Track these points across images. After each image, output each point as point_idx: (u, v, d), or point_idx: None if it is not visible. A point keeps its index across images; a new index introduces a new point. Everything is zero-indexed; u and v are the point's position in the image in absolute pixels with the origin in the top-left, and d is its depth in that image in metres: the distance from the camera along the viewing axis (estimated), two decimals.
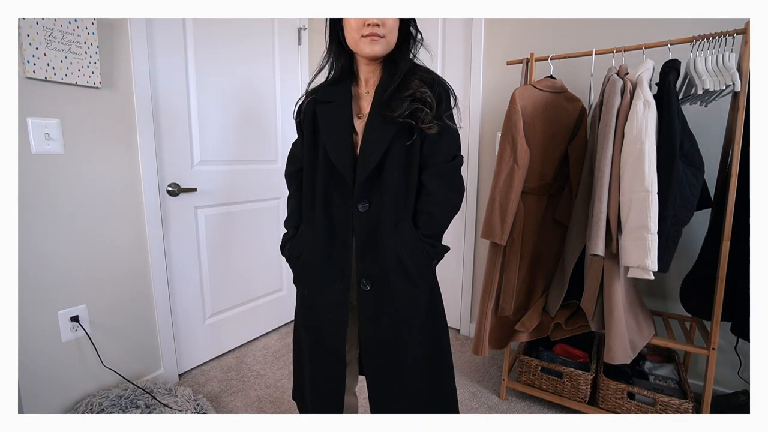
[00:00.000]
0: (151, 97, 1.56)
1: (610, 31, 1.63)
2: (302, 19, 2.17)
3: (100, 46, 1.39)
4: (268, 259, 2.16)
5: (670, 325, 1.53)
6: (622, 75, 1.26)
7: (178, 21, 1.64)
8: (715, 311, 1.26)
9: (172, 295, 1.73)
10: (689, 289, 1.41)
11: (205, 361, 1.91)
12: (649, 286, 1.66)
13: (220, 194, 1.88)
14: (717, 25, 1.38)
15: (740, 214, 1.23)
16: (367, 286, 0.88)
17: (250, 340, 2.13)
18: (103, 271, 1.49)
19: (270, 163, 2.10)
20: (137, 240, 1.58)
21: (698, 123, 1.44)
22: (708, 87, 1.22)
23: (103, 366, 1.50)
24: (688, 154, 1.18)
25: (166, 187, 1.66)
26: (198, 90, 1.74)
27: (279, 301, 2.26)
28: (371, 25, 0.81)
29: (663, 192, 1.14)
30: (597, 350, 1.63)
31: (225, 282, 1.95)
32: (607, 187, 1.21)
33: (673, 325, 1.60)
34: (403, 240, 0.87)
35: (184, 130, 1.71)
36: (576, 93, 1.47)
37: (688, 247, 1.53)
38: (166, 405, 1.43)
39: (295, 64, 2.18)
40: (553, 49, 1.63)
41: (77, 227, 1.40)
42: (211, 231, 1.86)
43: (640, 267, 1.15)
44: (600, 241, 1.20)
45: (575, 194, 1.41)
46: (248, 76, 1.94)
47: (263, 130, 2.05)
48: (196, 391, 1.66)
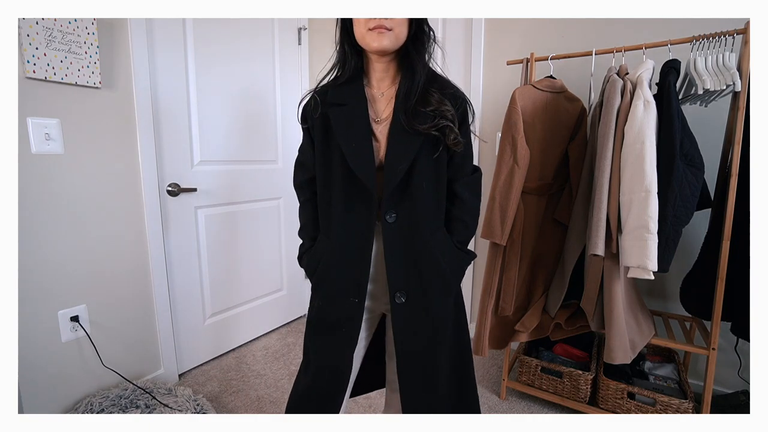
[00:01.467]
0: (151, 97, 1.56)
1: (610, 31, 1.63)
2: (302, 19, 2.18)
3: (100, 46, 1.39)
4: (269, 259, 2.16)
5: (670, 325, 1.53)
6: (622, 75, 1.26)
7: (178, 21, 1.64)
8: (715, 311, 1.26)
9: (172, 295, 1.73)
10: (689, 289, 1.41)
11: (205, 361, 1.91)
12: (649, 286, 1.66)
13: (221, 194, 1.88)
14: (717, 25, 1.38)
15: (740, 214, 1.23)
16: (402, 298, 0.85)
17: (250, 340, 2.13)
18: (103, 271, 1.49)
19: (270, 163, 2.11)
20: (137, 240, 1.58)
21: (698, 123, 1.44)
22: (708, 87, 1.21)
23: (103, 366, 1.50)
24: (688, 154, 1.18)
25: (166, 187, 1.66)
26: (198, 90, 1.74)
27: (279, 301, 2.26)
28: (377, 18, 0.78)
29: (663, 192, 1.14)
30: (597, 350, 1.63)
31: (225, 282, 1.95)
32: (607, 187, 1.21)
33: (673, 325, 1.60)
34: (441, 249, 0.86)
35: (184, 130, 1.71)
36: (576, 93, 1.47)
37: (688, 247, 1.53)
38: (166, 405, 1.43)
39: (295, 63, 2.18)
40: (553, 49, 1.63)
41: (77, 227, 1.40)
42: (211, 231, 1.86)
43: (640, 267, 1.15)
44: (600, 241, 1.20)
45: (575, 194, 1.41)
46: (248, 75, 1.94)
47: (263, 130, 2.05)
48: (196, 391, 1.66)
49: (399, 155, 0.81)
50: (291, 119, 2.18)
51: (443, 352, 0.90)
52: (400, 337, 0.86)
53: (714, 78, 1.22)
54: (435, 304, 0.87)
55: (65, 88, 1.33)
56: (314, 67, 2.27)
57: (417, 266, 0.85)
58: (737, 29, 1.20)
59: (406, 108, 0.82)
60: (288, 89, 2.15)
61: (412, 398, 0.88)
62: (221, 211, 1.90)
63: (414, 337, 0.87)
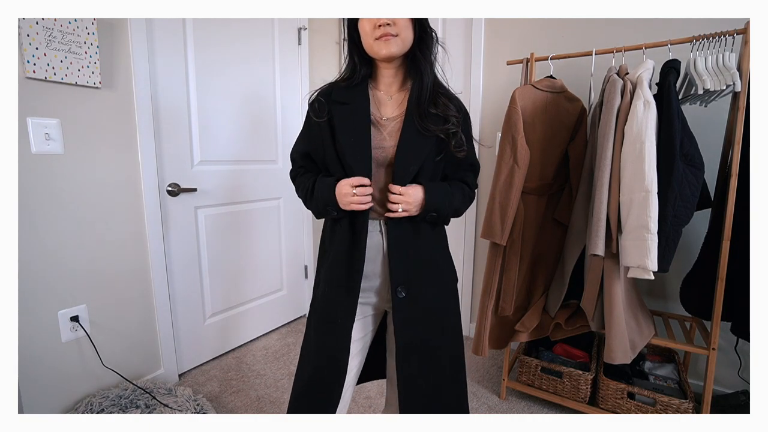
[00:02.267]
0: (151, 97, 1.56)
1: (610, 31, 1.63)
2: (302, 19, 2.18)
3: (100, 46, 1.39)
4: (268, 259, 2.16)
5: (670, 325, 1.53)
6: (622, 75, 1.26)
7: (178, 21, 1.64)
8: (715, 311, 1.26)
9: (172, 296, 1.73)
10: (689, 289, 1.41)
11: (205, 361, 1.91)
12: (649, 286, 1.66)
13: (220, 194, 1.88)
14: (717, 25, 1.38)
15: (740, 214, 1.23)
16: (403, 292, 0.87)
17: (250, 340, 2.13)
18: (103, 271, 1.49)
19: (270, 163, 2.11)
20: (137, 240, 1.58)
21: (698, 123, 1.44)
22: (708, 87, 1.22)
23: (103, 366, 1.50)
24: (688, 154, 1.18)
25: (166, 187, 1.66)
26: (198, 90, 1.74)
27: (279, 301, 2.26)
28: (382, 26, 0.81)
29: (663, 192, 1.14)
30: (597, 350, 1.63)
31: (225, 282, 1.95)
32: (607, 186, 1.21)
33: (673, 325, 1.60)
34: (442, 245, 0.94)
35: (184, 130, 1.71)
36: (576, 93, 1.47)
37: (688, 247, 1.53)
38: (166, 405, 1.43)
39: (295, 64, 2.18)
40: (553, 49, 1.63)
41: (77, 227, 1.40)
42: (210, 231, 1.86)
43: (640, 267, 1.15)
44: (600, 241, 1.20)
45: (575, 194, 1.41)
46: (248, 76, 1.94)
47: (263, 130, 2.05)
48: (196, 391, 1.66)
49: (411, 156, 0.84)
50: (291, 119, 2.18)
51: (443, 343, 0.92)
52: (400, 330, 0.88)
53: (714, 78, 1.22)
54: (433, 297, 0.90)
55: (65, 88, 1.33)
56: (314, 67, 2.27)
57: (418, 262, 0.88)
58: (737, 29, 1.20)
59: (420, 110, 0.86)
60: (288, 89, 2.15)
61: (411, 389, 0.90)
62: (221, 211, 1.90)
63: (413, 330, 0.89)
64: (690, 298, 1.40)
